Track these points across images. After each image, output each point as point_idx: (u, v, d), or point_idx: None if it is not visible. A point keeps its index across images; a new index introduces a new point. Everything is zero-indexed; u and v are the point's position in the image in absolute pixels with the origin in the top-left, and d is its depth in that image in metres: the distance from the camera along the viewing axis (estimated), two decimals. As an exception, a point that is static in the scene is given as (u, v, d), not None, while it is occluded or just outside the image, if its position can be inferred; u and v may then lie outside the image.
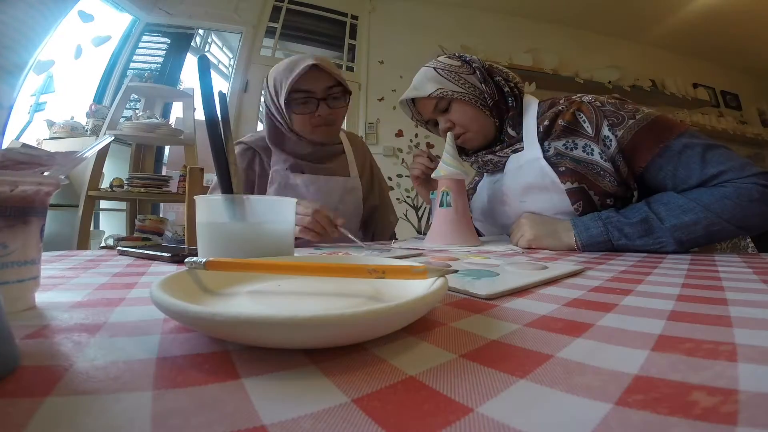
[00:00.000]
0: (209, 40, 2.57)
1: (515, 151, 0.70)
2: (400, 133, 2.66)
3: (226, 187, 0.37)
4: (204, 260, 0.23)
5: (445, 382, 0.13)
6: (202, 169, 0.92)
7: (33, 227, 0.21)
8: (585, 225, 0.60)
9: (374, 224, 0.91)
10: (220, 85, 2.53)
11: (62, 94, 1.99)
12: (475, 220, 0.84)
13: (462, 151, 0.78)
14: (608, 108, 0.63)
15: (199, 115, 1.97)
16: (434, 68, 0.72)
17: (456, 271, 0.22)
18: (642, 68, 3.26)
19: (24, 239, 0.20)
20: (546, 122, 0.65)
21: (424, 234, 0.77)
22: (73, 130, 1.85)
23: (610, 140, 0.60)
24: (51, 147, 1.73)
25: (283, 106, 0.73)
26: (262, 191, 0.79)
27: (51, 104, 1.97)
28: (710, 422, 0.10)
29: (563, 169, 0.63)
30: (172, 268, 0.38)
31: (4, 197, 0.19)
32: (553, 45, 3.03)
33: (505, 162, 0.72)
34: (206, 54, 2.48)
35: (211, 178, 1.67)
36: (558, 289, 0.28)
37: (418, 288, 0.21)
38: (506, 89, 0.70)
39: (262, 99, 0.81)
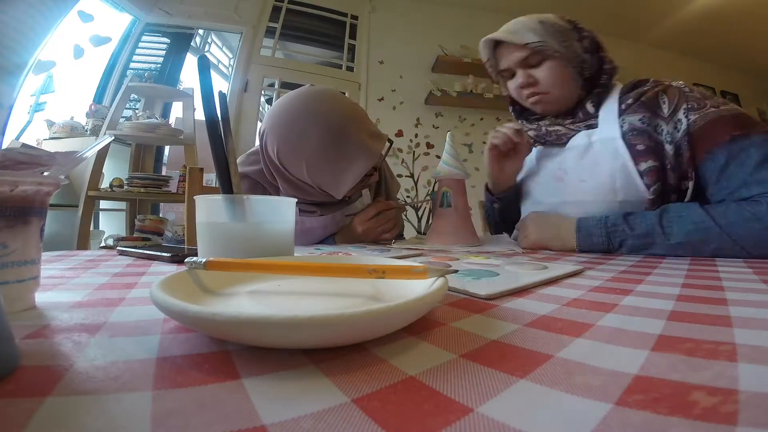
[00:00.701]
0: (209, 40, 2.57)
1: (588, 127, 0.65)
2: (400, 133, 2.66)
3: (226, 187, 0.37)
4: (204, 260, 0.23)
5: (445, 382, 0.13)
6: (201, 169, 0.92)
7: (33, 227, 0.21)
8: (588, 231, 0.58)
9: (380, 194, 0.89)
10: (220, 85, 2.53)
11: (62, 94, 1.99)
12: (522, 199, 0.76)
13: (522, 115, 0.75)
14: (694, 94, 0.59)
15: (199, 115, 1.97)
16: (540, 20, 0.64)
17: (456, 271, 0.22)
18: (642, 68, 3.25)
19: (24, 239, 0.20)
20: (629, 101, 0.61)
21: (424, 234, 0.77)
22: (73, 130, 1.85)
23: (681, 123, 0.56)
24: (51, 147, 1.73)
25: (333, 195, 0.64)
26: None
27: (51, 104, 1.97)
28: (710, 422, 0.10)
29: (642, 147, 0.58)
30: (172, 268, 0.38)
31: (4, 197, 0.19)
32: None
33: (570, 137, 0.67)
34: (206, 54, 2.48)
35: (211, 178, 1.67)
36: (558, 289, 0.28)
37: (418, 288, 0.21)
38: (607, 66, 0.65)
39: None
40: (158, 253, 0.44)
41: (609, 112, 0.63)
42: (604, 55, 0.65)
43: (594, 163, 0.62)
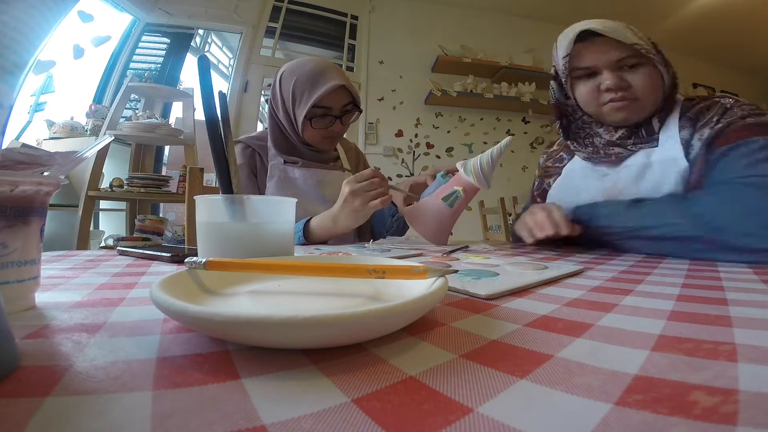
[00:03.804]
0: (209, 40, 2.57)
1: (647, 146, 0.60)
2: (400, 133, 2.66)
3: (226, 187, 0.37)
4: (204, 260, 0.23)
5: (445, 382, 0.13)
6: (202, 169, 0.92)
7: (33, 227, 0.21)
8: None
9: (375, 218, 0.89)
10: (220, 85, 2.53)
11: (62, 94, 1.99)
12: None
13: (569, 133, 0.68)
14: (734, 110, 0.55)
15: (199, 115, 1.97)
16: (626, 25, 0.59)
17: (456, 271, 0.22)
18: (642, 68, 3.26)
19: (24, 239, 0.20)
20: (689, 117, 0.58)
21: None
22: (73, 130, 1.84)
23: (704, 134, 0.54)
24: (51, 147, 1.73)
25: (298, 116, 0.75)
26: (263, 185, 0.81)
27: (51, 104, 1.97)
28: (710, 422, 0.10)
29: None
30: (172, 268, 0.38)
31: (4, 197, 0.19)
32: (553, 45, 3.03)
33: (627, 157, 0.62)
34: (206, 54, 2.49)
35: (211, 178, 1.67)
36: (558, 289, 0.28)
37: (418, 288, 0.21)
38: (676, 81, 0.61)
39: (263, 99, 0.83)
40: (158, 253, 0.44)
41: (670, 129, 0.59)
42: (674, 70, 0.60)
43: (656, 185, 0.57)
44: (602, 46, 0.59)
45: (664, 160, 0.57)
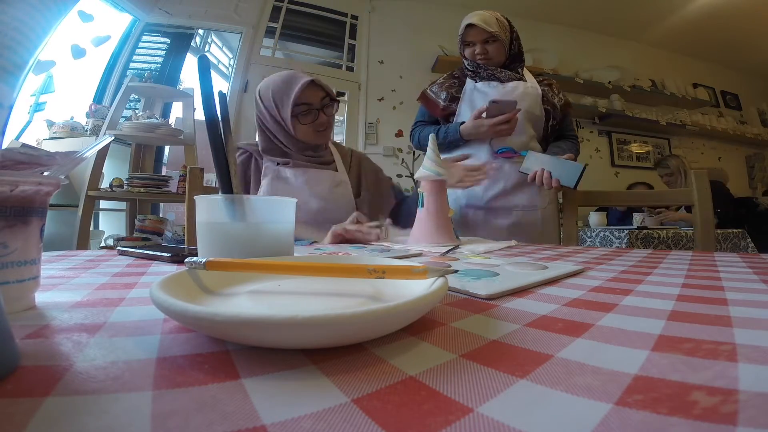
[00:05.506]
0: (209, 40, 2.57)
1: (516, 79, 1.15)
2: (400, 133, 2.66)
3: (226, 187, 0.37)
4: (204, 260, 0.23)
5: (445, 382, 0.13)
6: (202, 169, 0.92)
7: (33, 227, 0.21)
8: None
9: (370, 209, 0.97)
10: (220, 85, 2.53)
11: (62, 94, 1.99)
12: None
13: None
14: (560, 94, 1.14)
15: (199, 115, 1.97)
16: (495, 19, 1.11)
17: (456, 271, 0.22)
18: (642, 68, 3.26)
19: (24, 239, 0.20)
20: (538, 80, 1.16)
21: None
22: (73, 130, 1.85)
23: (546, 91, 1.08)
24: (51, 147, 1.73)
25: (285, 118, 0.84)
26: (257, 185, 0.89)
27: (51, 104, 1.96)
28: (710, 422, 0.10)
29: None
30: (172, 268, 0.38)
31: (4, 197, 0.19)
32: (553, 45, 3.03)
33: (508, 82, 1.15)
34: (206, 54, 2.49)
35: (211, 178, 1.67)
36: (558, 289, 0.28)
37: (418, 288, 0.21)
38: (521, 50, 1.22)
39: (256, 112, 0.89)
40: (158, 253, 0.44)
41: (527, 75, 1.15)
42: (518, 43, 1.18)
43: (523, 96, 1.07)
44: (476, 30, 1.13)
45: (529, 86, 1.09)
